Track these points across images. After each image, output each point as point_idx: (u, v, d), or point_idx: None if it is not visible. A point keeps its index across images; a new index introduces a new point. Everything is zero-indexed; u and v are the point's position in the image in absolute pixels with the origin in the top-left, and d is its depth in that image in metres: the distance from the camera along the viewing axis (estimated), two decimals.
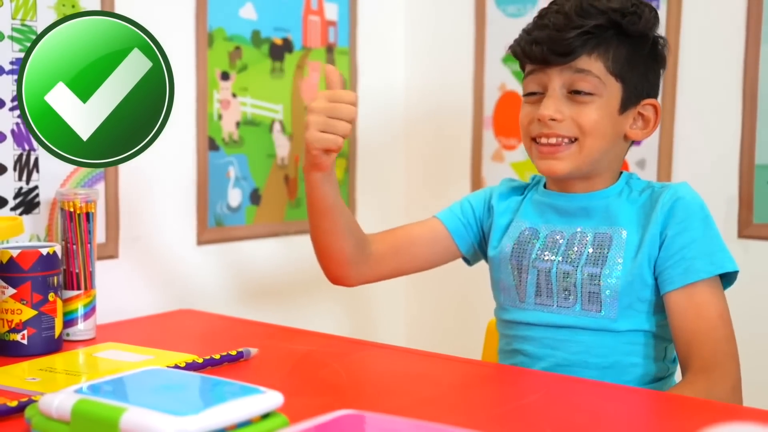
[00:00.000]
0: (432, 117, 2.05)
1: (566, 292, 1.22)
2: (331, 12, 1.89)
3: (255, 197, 1.75)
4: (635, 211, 1.22)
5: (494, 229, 1.32)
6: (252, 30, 1.73)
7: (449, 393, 1.10)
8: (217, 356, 1.17)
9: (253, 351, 1.21)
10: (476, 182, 1.99)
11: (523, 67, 1.27)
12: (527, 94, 1.24)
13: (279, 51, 1.78)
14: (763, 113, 1.63)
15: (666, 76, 1.70)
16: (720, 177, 1.68)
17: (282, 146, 1.80)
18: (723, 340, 1.16)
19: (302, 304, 1.87)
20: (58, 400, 0.85)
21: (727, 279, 1.20)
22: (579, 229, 1.24)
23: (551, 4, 1.24)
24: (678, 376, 1.24)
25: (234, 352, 1.19)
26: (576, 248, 1.22)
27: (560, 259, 1.23)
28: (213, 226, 1.68)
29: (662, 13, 1.70)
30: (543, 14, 1.23)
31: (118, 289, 1.51)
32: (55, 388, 1.02)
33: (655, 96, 1.26)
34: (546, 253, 1.24)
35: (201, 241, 1.66)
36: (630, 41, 1.21)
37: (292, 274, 1.84)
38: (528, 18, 1.86)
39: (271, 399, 0.85)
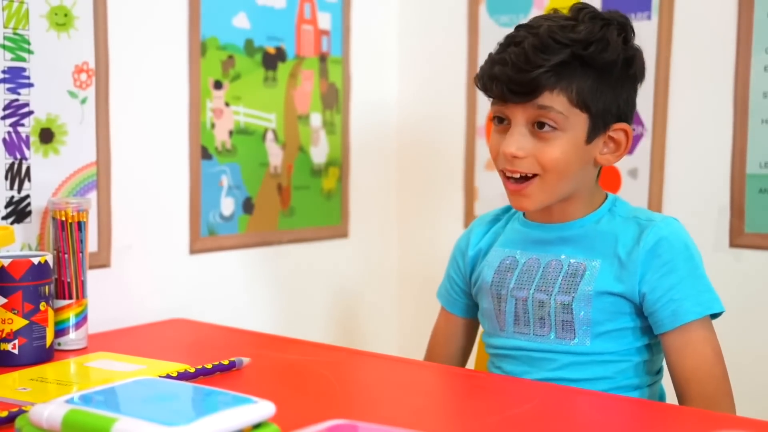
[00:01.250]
0: (425, 126, 2.05)
1: (541, 321, 1.22)
2: (324, 21, 1.89)
3: (248, 206, 1.75)
4: (613, 241, 1.20)
5: (479, 262, 1.32)
6: (245, 39, 1.73)
7: (442, 402, 1.10)
8: (209, 366, 1.16)
9: (246, 360, 1.21)
10: (469, 191, 1.99)
11: None
12: (494, 118, 1.21)
13: (272, 60, 1.78)
14: (754, 122, 1.63)
15: (657, 86, 1.71)
16: (711, 186, 1.68)
17: (275, 155, 1.80)
18: (722, 377, 1.17)
19: (294, 313, 1.86)
20: (49, 411, 0.84)
21: (713, 315, 1.20)
22: (554, 258, 1.23)
23: (517, 28, 1.20)
24: (667, 387, 1.24)
25: (226, 362, 1.18)
26: (550, 277, 1.22)
27: (536, 287, 1.22)
28: (206, 235, 1.68)
29: (653, 26, 1.70)
30: (507, 43, 1.19)
31: (110, 299, 1.50)
32: (46, 398, 1.01)
33: (628, 117, 1.22)
34: (523, 281, 1.24)
35: (194, 250, 1.66)
36: (595, 70, 1.17)
37: (284, 283, 1.84)
38: None
39: (263, 409, 0.85)
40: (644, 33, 1.69)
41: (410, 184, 2.09)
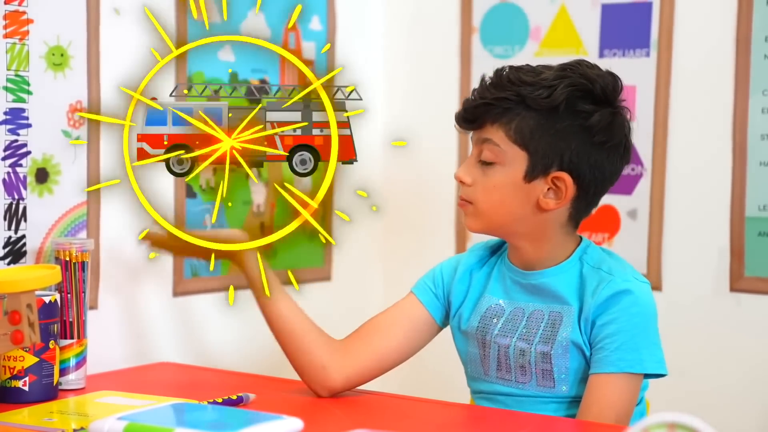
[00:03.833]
0: (414, 161, 2.53)
1: (522, 369, 1.69)
2: (309, 51, 2.37)
3: None
4: (582, 291, 1.65)
5: (466, 301, 1.77)
6: (230, 72, 2.20)
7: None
8: (220, 399, 1.62)
9: (252, 396, 1.67)
10: (461, 230, 2.47)
11: None
12: None
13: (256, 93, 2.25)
14: (753, 165, 2.13)
15: (657, 128, 2.21)
16: (711, 229, 2.18)
17: (258, 192, 2.27)
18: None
19: (275, 357, 2.31)
20: (108, 425, 1.29)
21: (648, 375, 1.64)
22: (537, 307, 1.69)
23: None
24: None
25: (234, 397, 1.64)
26: (533, 326, 1.68)
27: (518, 336, 1.68)
28: (189, 277, 2.14)
29: (652, 66, 2.21)
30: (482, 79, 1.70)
31: (96, 341, 1.94)
32: (79, 425, 1.46)
33: (580, 170, 1.61)
34: (507, 329, 1.70)
35: (177, 293, 2.12)
36: (539, 112, 1.61)
37: (266, 327, 2.29)
38: (515, 60, 2.38)
39: (292, 424, 1.31)
40: (643, 70, 2.20)
41: (398, 224, 2.57)
